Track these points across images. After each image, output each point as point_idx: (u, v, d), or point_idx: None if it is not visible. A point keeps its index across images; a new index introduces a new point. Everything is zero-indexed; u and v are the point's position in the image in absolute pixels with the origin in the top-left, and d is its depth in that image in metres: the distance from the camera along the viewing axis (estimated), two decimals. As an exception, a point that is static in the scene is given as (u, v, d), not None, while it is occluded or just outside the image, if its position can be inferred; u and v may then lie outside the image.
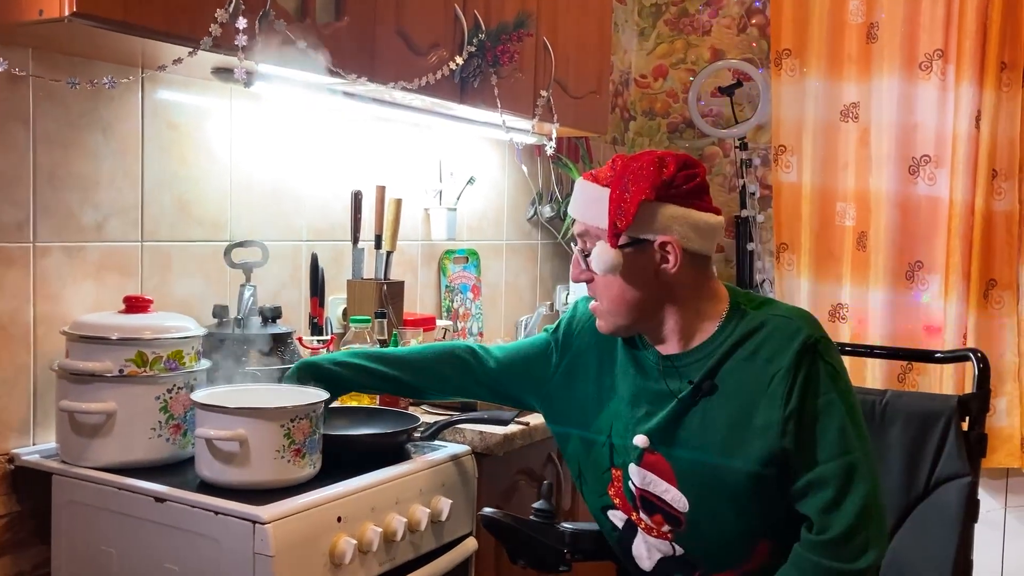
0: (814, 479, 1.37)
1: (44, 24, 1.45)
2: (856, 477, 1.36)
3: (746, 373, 1.41)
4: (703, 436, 1.43)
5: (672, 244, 1.41)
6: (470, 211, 2.89)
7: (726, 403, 1.42)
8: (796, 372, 1.38)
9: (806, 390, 1.38)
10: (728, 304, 1.47)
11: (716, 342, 1.45)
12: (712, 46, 3.56)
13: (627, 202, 1.40)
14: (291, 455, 1.52)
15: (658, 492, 1.47)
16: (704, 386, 1.43)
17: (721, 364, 1.43)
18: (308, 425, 1.54)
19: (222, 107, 2.07)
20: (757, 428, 1.39)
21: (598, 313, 1.51)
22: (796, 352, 1.38)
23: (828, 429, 1.37)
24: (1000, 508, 3.11)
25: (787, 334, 1.40)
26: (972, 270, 2.96)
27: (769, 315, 1.44)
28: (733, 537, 1.44)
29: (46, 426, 1.76)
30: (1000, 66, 2.92)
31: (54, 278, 1.77)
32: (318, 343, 2.13)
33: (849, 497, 1.36)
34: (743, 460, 1.40)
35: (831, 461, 1.37)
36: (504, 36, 2.28)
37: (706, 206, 1.44)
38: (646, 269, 1.43)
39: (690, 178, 1.42)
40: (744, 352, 1.42)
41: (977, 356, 1.77)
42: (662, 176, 1.40)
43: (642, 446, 1.47)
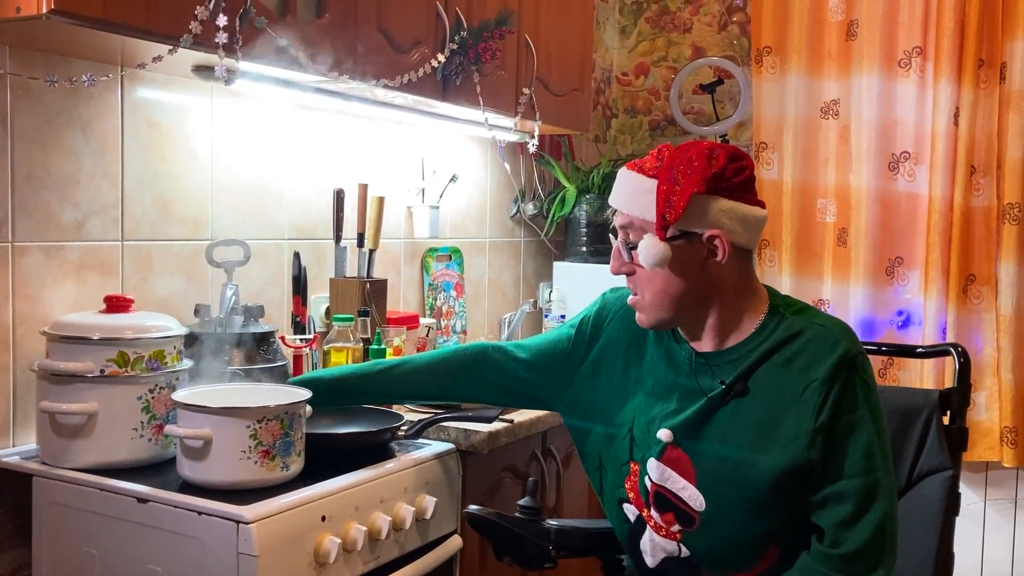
0: (834, 493, 1.37)
1: (22, 21, 1.44)
2: (877, 496, 1.36)
3: (780, 379, 1.40)
4: (729, 437, 1.42)
5: (721, 238, 1.39)
6: (453, 209, 2.89)
7: (756, 407, 1.41)
8: (831, 385, 1.37)
9: (839, 404, 1.37)
10: (768, 306, 1.46)
11: (752, 344, 1.43)
12: (693, 43, 3.58)
13: (677, 194, 1.37)
14: (258, 456, 1.50)
15: (675, 489, 1.45)
16: (736, 388, 1.42)
17: (755, 367, 1.42)
18: (278, 427, 1.52)
19: (203, 105, 2.05)
20: (785, 436, 1.38)
21: (639, 307, 1.48)
22: (833, 365, 1.37)
23: (856, 445, 1.37)
24: (980, 501, 3.14)
25: (826, 345, 1.39)
26: (951, 265, 2.98)
27: (808, 323, 1.42)
28: (744, 540, 1.43)
29: (26, 427, 1.74)
30: (978, 63, 2.94)
31: (33, 278, 1.75)
32: (301, 342, 2.12)
33: (867, 515, 1.35)
34: (766, 465, 1.39)
35: (854, 477, 1.36)
36: (486, 34, 2.28)
37: (753, 199, 1.43)
38: (692, 263, 1.41)
39: (739, 171, 1.40)
40: (780, 358, 1.41)
41: (958, 351, 1.78)
42: (712, 168, 1.37)
43: (666, 440, 1.45)
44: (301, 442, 1.58)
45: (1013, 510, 3.13)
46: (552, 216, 3.21)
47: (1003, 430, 2.97)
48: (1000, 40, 2.94)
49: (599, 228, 3.18)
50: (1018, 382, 2.96)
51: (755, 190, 1.44)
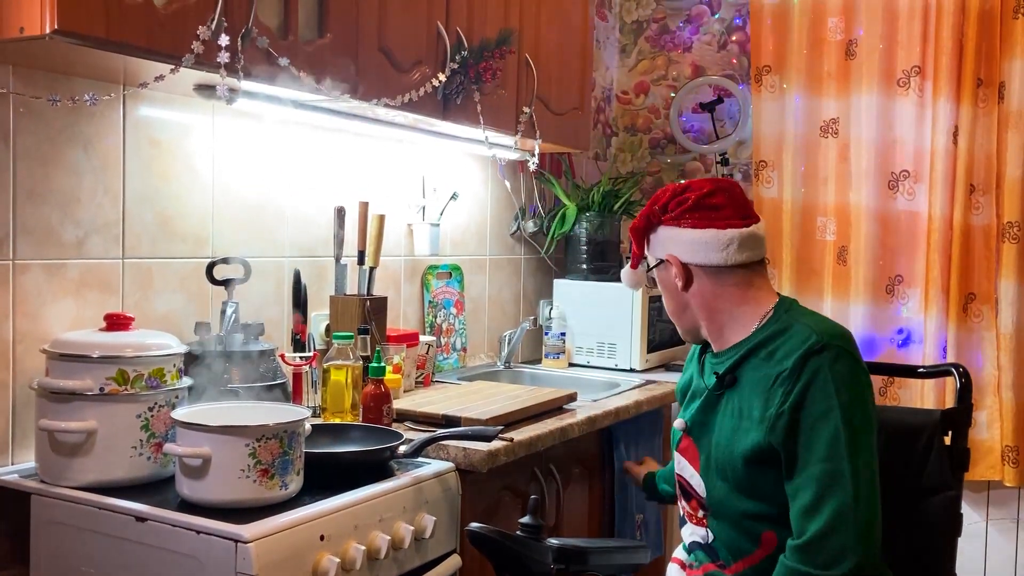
0: (800, 483, 1.45)
1: (25, 41, 1.44)
2: (839, 484, 1.40)
3: (760, 370, 1.53)
4: (721, 425, 1.58)
5: (669, 261, 1.63)
6: (453, 226, 2.89)
7: (741, 396, 1.56)
8: (798, 374, 1.47)
9: (805, 394, 1.46)
10: (770, 313, 1.59)
11: (746, 342, 1.58)
12: (693, 62, 3.59)
13: (632, 230, 1.68)
14: (257, 475, 1.50)
15: (687, 476, 1.65)
16: (726, 380, 1.58)
17: (743, 361, 1.57)
18: (277, 445, 1.52)
19: (204, 123, 2.06)
20: (754, 421, 1.51)
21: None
22: (801, 355, 1.47)
23: (820, 435, 1.43)
24: (982, 520, 3.13)
25: (801, 339, 1.50)
26: (951, 284, 2.99)
27: (798, 322, 1.55)
28: (741, 521, 1.55)
29: (25, 445, 1.74)
30: (976, 82, 2.96)
31: (34, 295, 1.75)
32: (300, 359, 2.12)
33: (827, 502, 1.40)
34: (739, 447, 1.52)
35: (816, 465, 1.43)
36: (487, 53, 2.29)
37: (704, 223, 1.59)
38: (668, 284, 1.67)
39: (681, 202, 1.60)
40: (764, 352, 1.54)
41: (959, 371, 1.78)
42: (654, 205, 1.64)
43: (680, 429, 1.67)
44: (300, 460, 1.58)
45: (1015, 529, 3.11)
46: (552, 234, 3.21)
47: (1004, 449, 2.96)
48: (999, 59, 2.95)
49: (599, 246, 3.19)
50: (1019, 401, 2.96)
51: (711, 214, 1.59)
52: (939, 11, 2.97)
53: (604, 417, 2.31)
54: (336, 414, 2.04)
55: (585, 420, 2.22)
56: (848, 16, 3.13)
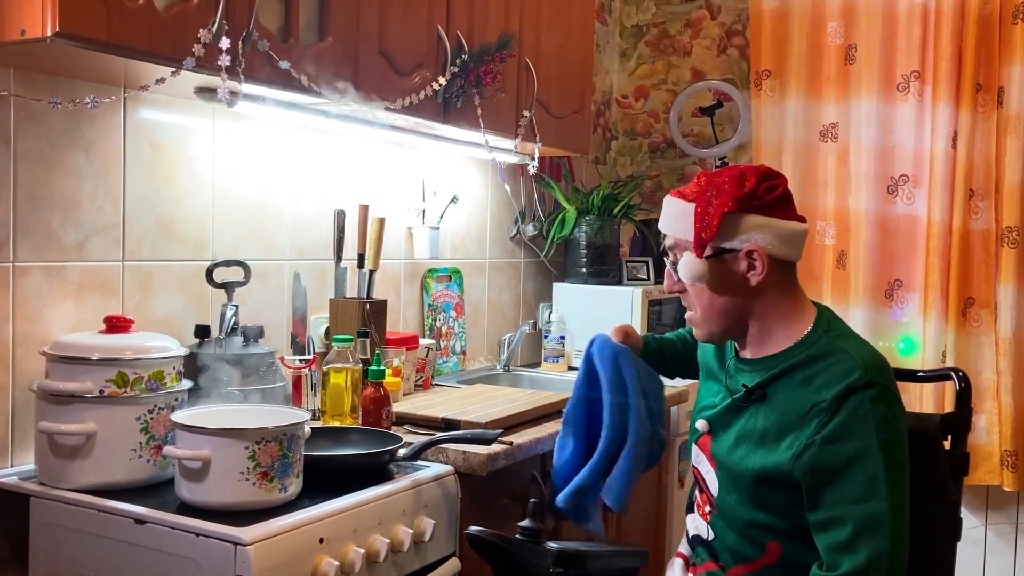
0: (834, 516, 1.40)
1: (26, 44, 1.45)
2: (877, 527, 1.37)
3: (795, 394, 1.48)
4: (741, 435, 1.54)
5: (758, 251, 1.49)
6: (453, 230, 2.90)
7: (768, 414, 1.51)
8: (837, 408, 1.42)
9: (842, 429, 1.41)
10: (811, 325, 1.53)
11: (782, 358, 1.52)
12: (693, 67, 3.60)
13: (710, 215, 1.49)
14: (256, 478, 1.50)
15: (702, 472, 1.63)
16: (755, 393, 1.53)
17: (777, 378, 1.51)
18: (277, 448, 1.52)
19: (205, 127, 2.06)
20: (781, 445, 1.46)
21: (693, 322, 1.61)
22: (843, 390, 1.42)
23: (859, 473, 1.39)
24: (981, 525, 3.13)
25: (844, 370, 1.44)
26: (950, 288, 2.99)
27: (839, 347, 1.49)
28: (747, 528, 1.54)
29: (25, 447, 1.74)
30: (975, 87, 2.96)
31: (34, 298, 1.75)
32: (300, 363, 2.12)
33: (865, 543, 1.37)
34: (754, 466, 1.49)
35: (854, 504, 1.39)
36: (487, 57, 2.29)
37: (789, 214, 1.52)
38: (733, 277, 1.52)
39: (771, 189, 1.51)
40: (801, 374, 1.49)
41: (959, 375, 1.78)
42: (743, 188, 1.49)
43: (701, 429, 1.63)
44: (300, 464, 1.58)
45: (1014, 534, 3.11)
46: (552, 237, 3.21)
47: (1003, 454, 2.97)
48: (998, 65, 2.96)
49: (599, 249, 3.19)
50: (1018, 405, 2.96)
51: (791, 206, 1.53)
52: (938, 16, 2.98)
53: (603, 421, 2.30)
54: (335, 417, 2.04)
55: (584, 424, 2.22)
56: (847, 21, 3.13)
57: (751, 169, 1.52)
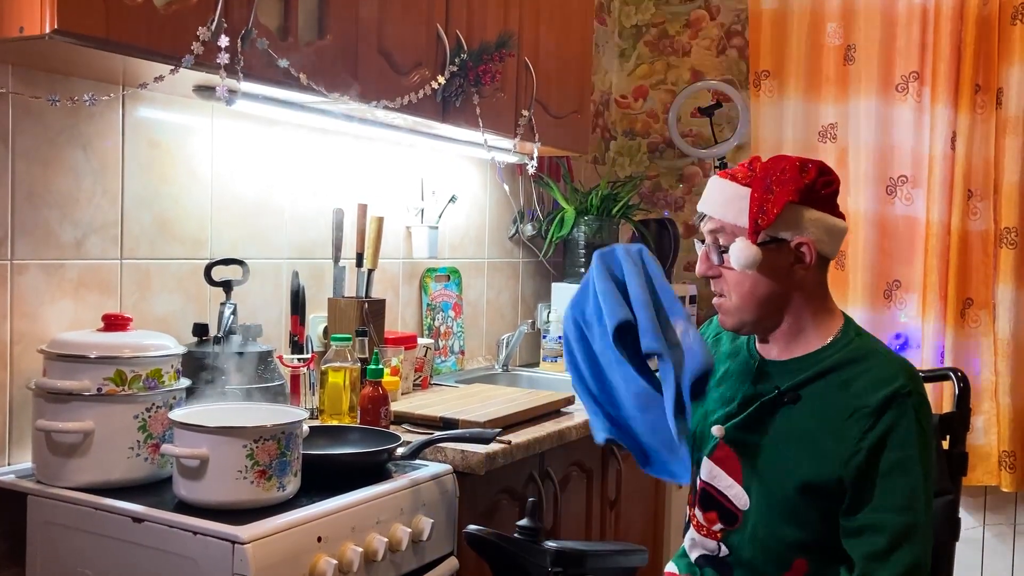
0: (872, 523, 1.39)
1: (25, 41, 1.44)
2: (914, 538, 1.37)
3: (833, 397, 1.45)
4: (775, 441, 1.49)
5: (809, 245, 1.46)
6: (452, 229, 2.89)
7: (804, 418, 1.47)
8: (882, 415, 1.40)
9: (888, 437, 1.40)
10: (840, 328, 1.52)
11: (816, 358, 1.49)
12: (692, 67, 3.60)
13: (771, 202, 1.45)
14: (254, 476, 1.49)
15: (722, 487, 1.54)
16: (789, 395, 1.49)
17: (812, 380, 1.48)
18: (275, 447, 1.51)
19: (203, 125, 2.06)
20: (824, 452, 1.43)
21: (724, 309, 1.55)
22: (887, 397, 1.40)
23: (901, 483, 1.39)
24: (979, 526, 3.13)
25: (885, 376, 1.43)
26: (949, 289, 2.99)
27: (874, 351, 1.48)
28: (777, 545, 1.49)
29: (22, 445, 1.74)
30: (974, 88, 2.96)
31: (32, 296, 1.75)
32: (298, 361, 2.12)
33: (900, 553, 1.37)
34: (800, 475, 1.44)
35: (894, 513, 1.38)
36: (486, 56, 2.29)
37: (837, 212, 1.51)
38: (780, 268, 1.48)
39: (827, 184, 1.49)
40: (838, 378, 1.46)
41: (957, 375, 1.78)
42: (805, 180, 1.46)
43: (718, 436, 1.53)
44: (298, 462, 1.58)
45: (1012, 535, 3.11)
46: (551, 237, 3.21)
47: (1001, 454, 2.97)
48: (996, 66, 2.96)
49: (597, 249, 3.18)
50: (1016, 406, 2.96)
51: (837, 204, 1.52)
52: (937, 17, 2.98)
53: (602, 420, 2.30)
54: (334, 416, 2.04)
55: (583, 423, 2.22)
56: (846, 21, 3.13)
57: (809, 161, 1.50)
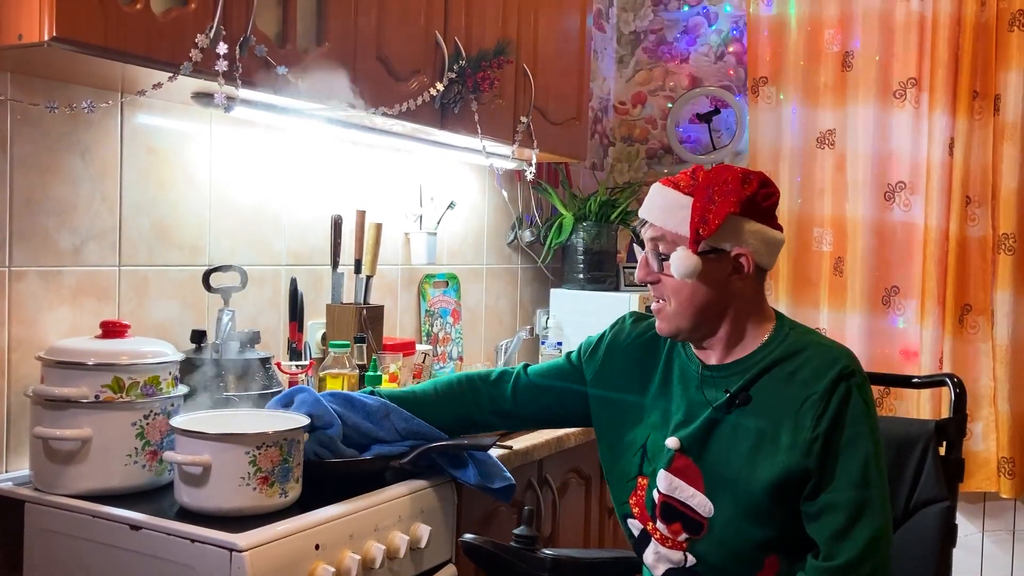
0: (828, 504, 1.42)
1: (23, 48, 1.45)
2: (869, 511, 1.40)
3: (781, 391, 1.48)
4: (732, 445, 1.49)
5: (747, 256, 1.49)
6: (450, 235, 2.90)
7: (757, 416, 1.48)
8: (830, 397, 1.43)
9: (837, 418, 1.43)
10: (774, 324, 1.55)
11: (757, 357, 1.52)
12: (690, 73, 3.60)
13: (712, 212, 1.46)
14: (257, 483, 1.49)
15: (683, 498, 1.52)
16: (739, 397, 1.50)
17: (758, 378, 1.50)
18: (278, 453, 1.52)
19: (202, 131, 2.06)
20: (783, 445, 1.45)
21: (662, 315, 1.56)
22: (832, 380, 1.44)
23: (853, 459, 1.42)
24: (977, 532, 3.13)
25: (826, 361, 1.46)
26: (947, 295, 2.99)
27: (812, 341, 1.51)
28: (747, 547, 1.48)
29: (20, 453, 1.74)
30: (972, 94, 2.97)
31: (30, 303, 1.75)
32: (296, 368, 2.12)
33: (859, 528, 1.39)
34: (765, 473, 1.45)
35: (849, 490, 1.41)
36: (484, 63, 2.29)
37: (775, 224, 1.53)
38: (718, 277, 1.50)
39: (767, 196, 1.50)
40: (782, 371, 1.49)
41: (954, 381, 1.78)
42: (746, 191, 1.47)
43: (673, 447, 1.53)
44: (299, 468, 1.58)
45: (1011, 541, 3.11)
46: (549, 243, 3.21)
47: (1000, 460, 2.97)
48: (994, 72, 2.97)
49: (596, 255, 3.19)
50: (1015, 412, 2.96)
51: (776, 217, 1.54)
52: (935, 23, 2.98)
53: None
54: (332, 423, 2.04)
55: (581, 430, 2.22)
56: (845, 28, 3.14)
57: (752, 172, 1.51)
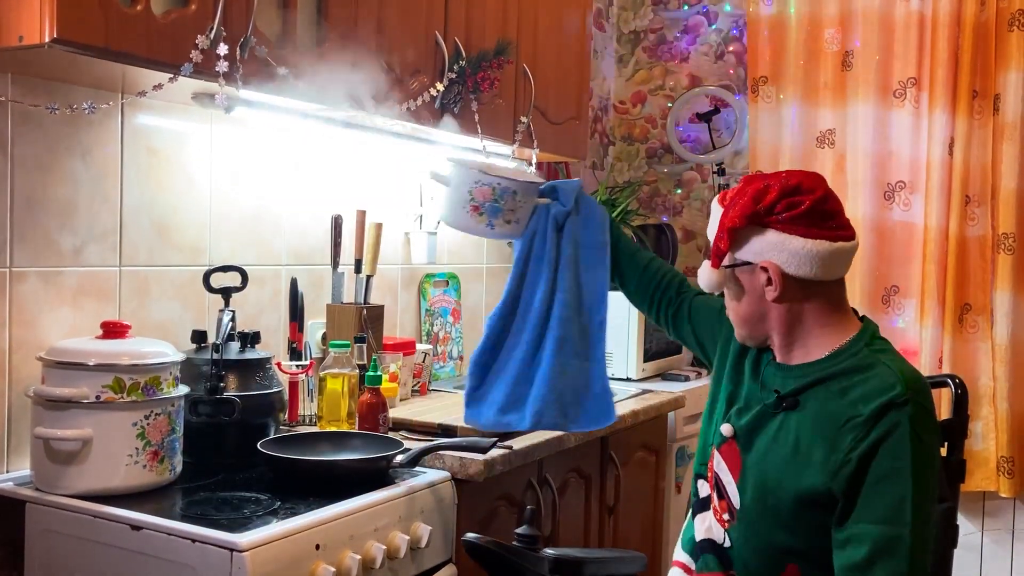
0: (855, 534, 1.36)
1: (24, 50, 1.45)
2: (897, 551, 1.33)
3: (831, 404, 1.42)
4: (772, 446, 1.47)
5: (770, 269, 1.45)
6: (450, 235, 2.89)
7: (801, 424, 1.45)
8: (874, 424, 1.36)
9: (879, 446, 1.35)
10: (852, 337, 1.48)
11: (819, 365, 1.47)
12: (690, 73, 3.60)
13: (724, 226, 1.47)
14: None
15: (723, 480, 1.54)
16: (787, 401, 1.47)
17: (812, 386, 1.46)
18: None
19: (202, 132, 2.06)
20: (816, 460, 1.40)
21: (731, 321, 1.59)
22: (881, 405, 1.36)
23: (887, 494, 1.35)
24: (977, 531, 3.13)
25: (883, 385, 1.38)
26: (947, 295, 3.00)
27: (880, 360, 1.43)
28: (767, 549, 1.47)
29: (21, 453, 1.74)
30: (972, 94, 2.97)
31: (31, 303, 1.75)
32: (297, 368, 2.12)
33: (880, 566, 1.33)
34: (791, 484, 1.42)
35: (877, 525, 1.34)
36: (484, 63, 2.29)
37: (816, 232, 1.43)
38: (755, 289, 1.49)
39: (793, 205, 1.43)
40: (837, 385, 1.43)
41: (955, 382, 1.78)
42: (758, 205, 1.44)
43: (726, 435, 1.54)
44: None
45: (1011, 540, 3.11)
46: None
47: (1000, 460, 2.97)
48: (994, 71, 2.97)
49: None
50: (1015, 412, 2.97)
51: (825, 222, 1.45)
52: (935, 23, 2.98)
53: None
54: (332, 423, 2.04)
55: (581, 430, 2.22)
56: (844, 27, 3.14)
57: (778, 182, 1.45)
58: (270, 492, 1.65)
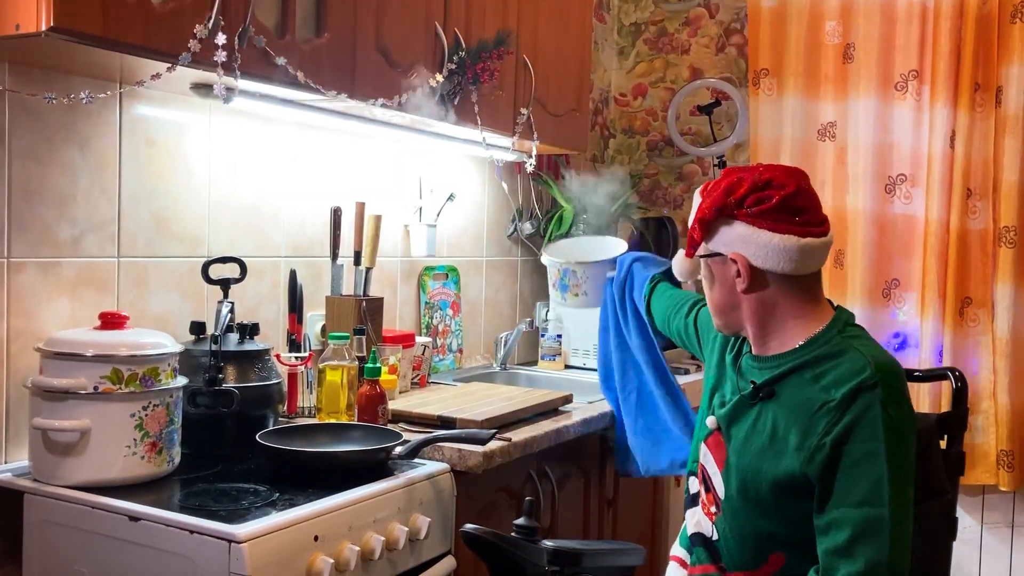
0: (835, 519, 1.38)
1: (21, 38, 1.44)
2: (877, 532, 1.34)
3: (804, 392, 1.45)
4: (749, 436, 1.51)
5: (738, 261, 1.48)
6: (450, 228, 2.89)
7: (777, 413, 1.48)
8: (847, 408, 1.38)
9: (852, 430, 1.37)
10: (824, 326, 1.49)
11: (792, 355, 1.49)
12: (691, 65, 3.59)
13: (696, 217, 1.53)
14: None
15: (709, 472, 1.59)
16: (763, 391, 1.50)
17: (786, 376, 1.48)
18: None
19: (201, 123, 2.06)
20: (791, 446, 1.43)
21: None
22: (851, 389, 1.39)
23: (864, 476, 1.36)
24: (976, 525, 3.13)
25: (854, 369, 1.41)
26: (947, 288, 2.99)
27: (852, 346, 1.45)
28: (752, 537, 1.50)
29: (19, 444, 1.74)
30: (974, 87, 2.96)
31: (29, 294, 1.75)
32: (296, 360, 2.12)
33: (862, 547, 1.34)
34: (769, 470, 1.45)
35: (855, 508, 1.36)
36: (484, 54, 2.28)
37: (784, 227, 1.45)
38: (726, 279, 1.53)
39: (762, 200, 1.46)
40: (811, 372, 1.45)
41: (955, 375, 1.78)
42: (729, 198, 1.48)
43: (711, 427, 1.59)
44: None
45: (1010, 534, 3.11)
46: (549, 235, 3.21)
47: (1000, 453, 2.97)
48: (996, 64, 2.96)
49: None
50: (1015, 405, 2.96)
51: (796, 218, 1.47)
52: (937, 15, 2.97)
53: (599, 419, 2.30)
54: (331, 414, 2.04)
55: (580, 422, 2.22)
56: (846, 19, 3.13)
57: (752, 176, 1.48)
58: (268, 483, 1.65)
